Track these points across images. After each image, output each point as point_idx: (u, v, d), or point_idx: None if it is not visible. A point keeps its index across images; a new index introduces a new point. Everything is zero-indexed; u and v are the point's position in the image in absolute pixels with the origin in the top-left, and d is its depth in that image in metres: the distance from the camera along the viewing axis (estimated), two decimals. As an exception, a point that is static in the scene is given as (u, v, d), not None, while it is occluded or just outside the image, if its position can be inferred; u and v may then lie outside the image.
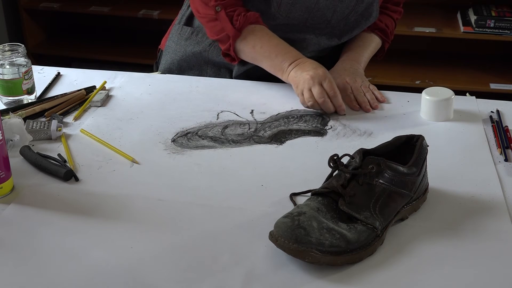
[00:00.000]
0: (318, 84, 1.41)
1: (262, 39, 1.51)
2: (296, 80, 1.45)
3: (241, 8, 1.52)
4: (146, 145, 1.30)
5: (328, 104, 1.41)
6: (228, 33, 1.51)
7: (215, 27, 1.54)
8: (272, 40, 1.52)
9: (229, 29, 1.51)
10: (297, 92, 1.45)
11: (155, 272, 0.95)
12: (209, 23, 1.55)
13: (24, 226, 1.06)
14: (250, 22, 1.51)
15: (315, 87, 1.41)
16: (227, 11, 1.51)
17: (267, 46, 1.51)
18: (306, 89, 1.42)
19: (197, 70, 1.67)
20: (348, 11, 1.55)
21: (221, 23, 1.51)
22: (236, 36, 1.51)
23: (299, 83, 1.44)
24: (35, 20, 3.42)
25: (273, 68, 1.51)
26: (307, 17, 1.54)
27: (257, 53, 1.52)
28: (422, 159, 1.07)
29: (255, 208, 1.10)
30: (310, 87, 1.41)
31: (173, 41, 1.69)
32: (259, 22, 1.53)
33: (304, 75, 1.43)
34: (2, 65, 1.43)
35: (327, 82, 1.41)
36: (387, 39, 1.68)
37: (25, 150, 1.24)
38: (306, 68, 1.44)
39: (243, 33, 1.51)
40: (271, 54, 1.50)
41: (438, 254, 0.99)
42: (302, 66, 1.45)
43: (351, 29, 1.61)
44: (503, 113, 1.43)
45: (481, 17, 2.94)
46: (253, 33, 1.51)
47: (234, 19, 1.51)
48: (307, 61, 1.47)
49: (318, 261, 0.94)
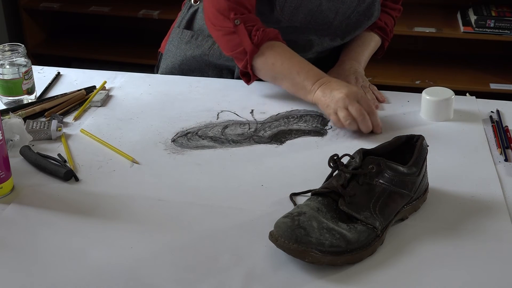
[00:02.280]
0: (355, 102, 1.34)
1: (282, 56, 1.45)
2: (326, 101, 1.37)
3: (260, 23, 1.46)
4: (146, 145, 1.30)
5: (368, 122, 1.33)
6: (245, 48, 1.45)
7: (232, 41, 1.47)
8: (293, 58, 1.45)
9: (247, 44, 1.44)
10: (328, 112, 1.36)
11: (155, 272, 0.95)
12: (226, 36, 1.48)
13: (24, 226, 1.06)
14: (269, 38, 1.45)
15: (353, 105, 1.33)
16: (246, 25, 1.44)
17: (287, 63, 1.44)
18: (341, 107, 1.34)
19: (198, 73, 1.65)
20: (350, 11, 1.55)
21: (239, 37, 1.45)
22: (253, 52, 1.44)
23: (330, 103, 1.36)
24: (35, 20, 3.42)
25: (294, 87, 1.44)
26: (310, 19, 1.53)
27: (277, 71, 1.45)
28: (422, 159, 1.07)
29: (255, 208, 1.10)
30: (346, 106, 1.33)
31: (173, 45, 1.68)
32: (278, 38, 1.47)
33: (336, 93, 1.35)
34: (2, 65, 1.43)
35: (363, 100, 1.35)
36: (386, 37, 1.68)
37: (25, 150, 1.24)
38: (336, 87, 1.37)
39: (261, 49, 1.45)
40: (292, 72, 1.43)
41: (438, 254, 0.99)
42: (329, 86, 1.38)
43: (354, 29, 1.60)
44: (503, 113, 1.43)
45: (481, 17, 2.94)
46: (272, 49, 1.45)
47: (253, 34, 1.44)
48: (333, 80, 1.41)
49: (318, 261, 0.94)
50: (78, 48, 3.41)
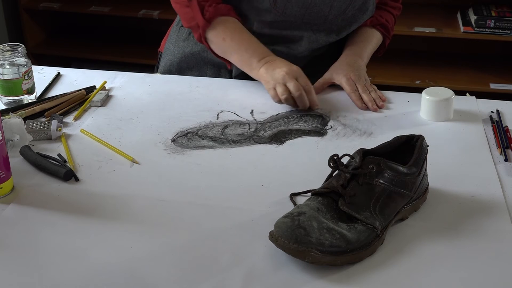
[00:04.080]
0: (293, 79, 1.41)
1: (232, 32, 1.51)
2: (267, 77, 1.45)
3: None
4: (146, 145, 1.30)
5: (304, 98, 1.41)
6: (197, 22, 1.51)
7: (187, 14, 1.54)
8: (243, 35, 1.52)
9: (199, 18, 1.51)
10: (268, 87, 1.45)
11: (155, 272, 0.95)
12: (182, 9, 1.55)
13: (24, 226, 1.06)
14: (221, 14, 1.51)
15: (291, 82, 1.41)
16: (200, 0, 1.51)
17: (237, 39, 1.51)
18: (280, 83, 1.42)
19: (196, 70, 1.67)
20: (345, 6, 1.55)
21: (192, 11, 1.52)
22: (205, 26, 1.51)
23: (270, 79, 1.44)
24: (35, 20, 3.42)
25: (240, 62, 1.52)
26: (304, 13, 1.54)
27: (226, 46, 1.52)
28: (422, 159, 1.07)
29: (255, 208, 1.10)
30: (285, 82, 1.42)
31: (171, 43, 1.70)
32: (230, 14, 1.53)
33: (278, 71, 1.43)
34: (2, 65, 1.43)
35: (302, 78, 1.42)
36: (388, 34, 1.68)
37: (25, 150, 1.24)
38: (279, 65, 1.45)
39: (213, 24, 1.51)
40: (240, 48, 1.50)
41: (438, 254, 0.99)
42: (273, 64, 1.46)
43: (349, 24, 1.60)
44: (503, 113, 1.43)
45: (481, 17, 2.94)
46: (224, 24, 1.51)
47: (205, 9, 1.51)
48: (278, 59, 1.47)
49: (318, 261, 0.94)
50: (78, 48, 3.42)
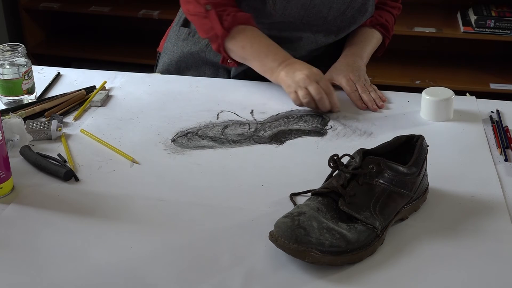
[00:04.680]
0: (314, 82, 1.41)
1: (252, 39, 1.51)
2: (287, 80, 1.44)
3: (231, 8, 1.52)
4: (146, 145, 1.30)
5: (326, 101, 1.41)
6: (216, 32, 1.50)
7: (205, 26, 1.53)
8: (262, 41, 1.51)
9: (218, 28, 1.50)
10: (289, 90, 1.44)
11: (155, 272, 0.95)
12: (199, 20, 1.54)
13: (24, 226, 1.06)
14: (240, 23, 1.50)
15: (312, 85, 1.41)
16: (217, 10, 1.50)
17: (256, 46, 1.50)
18: (301, 87, 1.42)
19: (195, 70, 1.67)
20: (344, 7, 1.55)
21: (211, 22, 1.51)
22: (224, 36, 1.50)
23: (291, 83, 1.43)
24: (35, 20, 3.42)
25: (261, 68, 1.51)
26: (303, 14, 1.54)
27: (246, 53, 1.51)
28: (422, 159, 1.07)
29: (255, 208, 1.10)
30: (306, 86, 1.41)
31: (170, 43, 1.70)
32: (249, 23, 1.52)
33: (298, 74, 1.43)
34: (2, 65, 1.43)
35: (323, 81, 1.42)
36: (388, 34, 1.68)
37: (25, 150, 1.24)
38: (299, 68, 1.44)
39: (232, 33, 1.50)
40: (260, 55, 1.50)
41: (438, 254, 0.99)
42: (293, 67, 1.45)
43: (348, 25, 1.60)
44: (503, 113, 1.43)
45: (481, 17, 2.94)
46: (243, 33, 1.51)
47: (224, 18, 1.50)
48: (298, 61, 1.47)
49: (318, 261, 0.94)
50: (78, 48, 3.42)
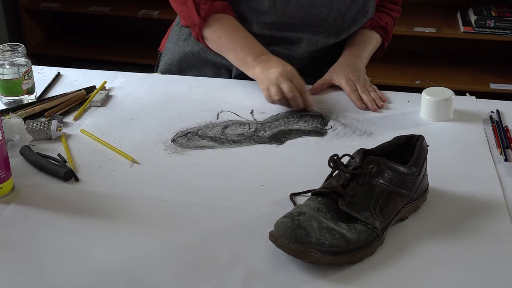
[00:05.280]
0: (288, 80, 1.41)
1: (228, 29, 1.51)
2: (261, 77, 1.44)
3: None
4: (146, 145, 1.30)
5: (297, 99, 1.41)
6: (193, 20, 1.51)
7: (184, 13, 1.54)
8: (238, 32, 1.52)
9: (195, 16, 1.51)
10: (262, 87, 1.44)
11: (155, 272, 0.95)
12: (179, 7, 1.55)
13: (24, 226, 1.06)
14: (216, 11, 1.51)
15: (285, 83, 1.40)
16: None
17: (232, 37, 1.51)
18: (273, 84, 1.41)
19: (196, 70, 1.67)
20: (344, 8, 1.55)
21: (188, 9, 1.52)
22: (201, 24, 1.51)
23: (265, 80, 1.43)
24: (35, 20, 3.42)
25: (236, 61, 1.52)
26: (303, 14, 1.54)
27: (222, 44, 1.52)
28: (422, 159, 1.07)
29: (255, 208, 1.10)
30: (279, 83, 1.41)
31: (171, 43, 1.70)
32: (226, 11, 1.52)
33: (272, 71, 1.43)
34: (2, 65, 1.43)
35: (296, 79, 1.42)
36: (387, 37, 1.68)
37: (25, 150, 1.24)
38: (274, 65, 1.44)
39: (209, 22, 1.51)
40: (236, 46, 1.50)
41: (438, 254, 0.99)
42: (268, 63, 1.45)
43: (348, 26, 1.60)
44: (503, 113, 1.43)
45: (481, 17, 2.94)
46: (219, 22, 1.51)
47: (201, 7, 1.50)
48: (273, 58, 1.47)
49: (318, 261, 0.94)
50: (78, 48, 3.41)
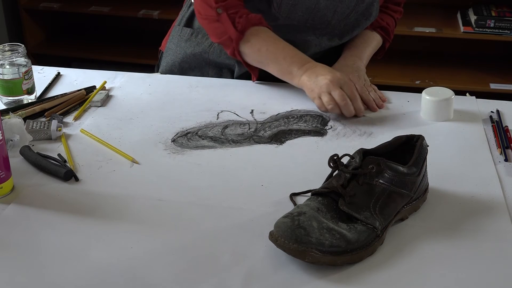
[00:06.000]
0: (338, 88, 1.38)
1: (267, 41, 1.48)
2: (310, 85, 1.41)
3: (243, 9, 1.49)
4: (146, 145, 1.30)
5: (350, 107, 1.38)
6: (230, 36, 1.48)
7: (217, 29, 1.50)
8: (278, 43, 1.48)
9: (232, 31, 1.47)
10: (313, 96, 1.41)
11: (155, 272, 0.95)
12: (211, 24, 1.51)
13: (24, 226, 1.06)
14: (253, 24, 1.48)
15: (336, 91, 1.38)
16: (229, 12, 1.47)
17: (273, 49, 1.47)
18: (324, 92, 1.39)
19: (198, 71, 1.66)
20: (348, 11, 1.55)
21: (223, 25, 1.48)
22: (238, 39, 1.47)
23: (315, 88, 1.40)
24: (35, 20, 3.42)
25: (280, 72, 1.48)
26: (308, 17, 1.54)
27: (262, 56, 1.48)
28: (422, 159, 1.07)
29: (255, 208, 1.10)
30: (330, 91, 1.38)
31: (173, 43, 1.69)
32: (262, 23, 1.49)
33: (321, 79, 1.40)
34: (2, 65, 1.43)
35: (346, 86, 1.39)
36: (388, 37, 1.68)
37: (25, 150, 1.24)
38: (322, 72, 1.41)
39: (246, 36, 1.47)
40: (278, 57, 1.47)
41: (438, 254, 0.99)
42: (315, 71, 1.42)
43: (352, 29, 1.60)
44: (503, 113, 1.43)
45: (481, 17, 2.94)
46: (257, 35, 1.48)
47: (236, 21, 1.47)
48: (319, 65, 1.44)
49: (318, 261, 0.94)
50: (78, 48, 3.41)
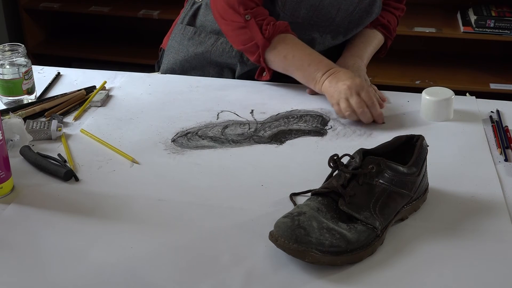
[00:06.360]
0: (356, 94, 1.38)
1: (293, 48, 1.48)
2: (330, 91, 1.41)
3: (270, 17, 1.49)
4: (146, 145, 1.30)
5: (367, 114, 1.37)
6: (257, 43, 1.48)
7: (243, 36, 1.49)
8: (304, 50, 1.49)
9: (259, 38, 1.47)
10: (332, 102, 1.41)
11: (155, 272, 0.95)
12: (236, 31, 1.50)
13: (24, 226, 1.06)
14: (280, 31, 1.48)
15: (353, 97, 1.37)
16: (257, 20, 1.47)
17: (299, 55, 1.48)
18: (343, 99, 1.38)
19: (199, 70, 1.66)
20: (352, 8, 1.55)
21: (251, 32, 1.48)
22: (265, 46, 1.48)
23: (334, 94, 1.40)
24: (35, 20, 3.42)
25: (305, 78, 1.48)
26: (312, 15, 1.54)
27: (288, 63, 1.49)
28: (422, 159, 1.07)
29: (255, 208, 1.10)
30: (348, 97, 1.38)
31: (175, 41, 1.68)
32: (288, 31, 1.50)
33: (340, 85, 1.40)
34: (2, 65, 1.43)
35: (364, 92, 1.39)
36: (389, 35, 1.68)
37: (25, 150, 1.24)
38: (342, 78, 1.41)
39: (273, 43, 1.48)
40: (303, 64, 1.47)
41: (438, 254, 0.99)
42: (336, 76, 1.42)
43: (356, 26, 1.60)
44: (503, 113, 1.43)
45: (481, 17, 2.94)
46: (284, 42, 1.48)
47: (264, 28, 1.47)
48: (341, 70, 1.44)
49: (318, 261, 0.94)
50: (78, 48, 3.41)
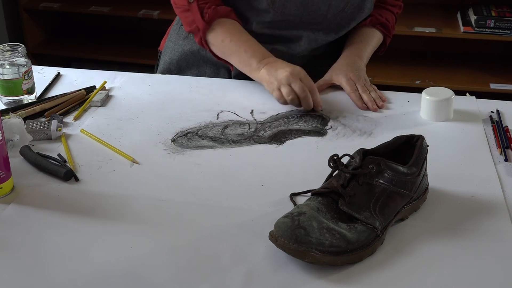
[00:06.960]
0: (298, 80, 1.41)
1: (231, 33, 1.52)
2: (269, 78, 1.44)
3: (213, 1, 1.53)
4: (146, 145, 1.30)
5: (309, 99, 1.41)
6: (198, 25, 1.52)
7: (187, 18, 1.55)
8: (242, 36, 1.52)
9: (199, 21, 1.52)
10: (271, 88, 1.44)
11: (155, 272, 0.95)
12: (183, 13, 1.56)
13: (24, 226, 1.06)
14: (220, 16, 1.52)
15: (296, 83, 1.40)
16: (199, 3, 1.52)
17: (236, 41, 1.51)
18: (284, 84, 1.41)
19: (195, 69, 1.67)
20: (343, 4, 1.55)
21: (192, 14, 1.53)
22: (205, 29, 1.52)
23: (274, 81, 1.43)
24: (35, 20, 3.42)
25: (240, 63, 1.52)
26: (302, 12, 1.54)
27: (225, 47, 1.53)
28: (422, 159, 1.07)
29: (255, 208, 1.10)
30: (290, 83, 1.41)
31: (171, 41, 1.70)
32: (230, 16, 1.54)
33: (281, 72, 1.43)
34: (2, 65, 1.43)
35: (306, 78, 1.42)
36: (388, 33, 1.67)
37: (25, 150, 1.24)
38: (282, 66, 1.44)
39: (213, 26, 1.52)
40: (239, 49, 1.51)
41: (438, 254, 0.99)
42: (275, 65, 1.45)
43: (347, 22, 1.60)
44: (503, 113, 1.43)
45: (481, 17, 2.94)
46: (223, 26, 1.52)
47: (204, 11, 1.52)
48: (279, 60, 1.47)
49: (318, 261, 0.94)
50: (78, 48, 3.41)
